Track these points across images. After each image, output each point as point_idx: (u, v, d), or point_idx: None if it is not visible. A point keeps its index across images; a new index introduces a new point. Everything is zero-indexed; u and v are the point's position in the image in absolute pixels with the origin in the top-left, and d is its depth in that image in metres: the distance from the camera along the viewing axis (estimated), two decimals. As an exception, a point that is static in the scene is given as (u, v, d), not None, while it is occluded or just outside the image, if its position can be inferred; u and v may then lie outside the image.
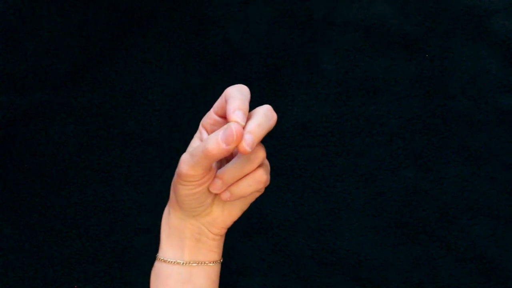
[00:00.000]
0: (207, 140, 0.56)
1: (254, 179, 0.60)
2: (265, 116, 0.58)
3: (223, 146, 0.55)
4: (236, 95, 0.58)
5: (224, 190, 0.61)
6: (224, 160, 0.64)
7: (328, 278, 1.10)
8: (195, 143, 0.62)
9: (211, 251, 0.65)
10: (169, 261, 0.65)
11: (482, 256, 1.09)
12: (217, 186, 0.60)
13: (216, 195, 0.63)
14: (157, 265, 0.66)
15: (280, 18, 1.14)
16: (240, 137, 0.55)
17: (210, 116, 0.62)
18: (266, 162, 0.62)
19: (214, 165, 0.60)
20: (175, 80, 1.13)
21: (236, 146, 0.55)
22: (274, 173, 1.12)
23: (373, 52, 1.13)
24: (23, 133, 1.11)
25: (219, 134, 0.55)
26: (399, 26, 1.13)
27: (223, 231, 0.65)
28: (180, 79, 1.13)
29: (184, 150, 0.60)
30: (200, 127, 0.63)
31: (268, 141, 1.12)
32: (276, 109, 1.13)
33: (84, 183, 1.11)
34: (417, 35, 1.13)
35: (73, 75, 1.12)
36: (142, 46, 1.13)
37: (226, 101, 0.58)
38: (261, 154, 0.59)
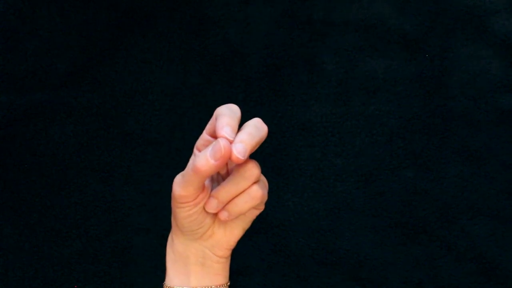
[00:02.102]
0: (196, 158, 0.56)
1: (250, 195, 0.60)
2: (255, 127, 0.58)
3: (212, 162, 0.55)
4: (225, 112, 0.58)
5: (222, 210, 0.60)
6: (221, 180, 0.64)
7: (328, 278, 1.10)
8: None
9: (217, 275, 0.65)
10: None
11: (482, 256, 1.09)
12: (212, 205, 0.60)
13: (215, 216, 0.63)
14: None
15: (280, 18, 1.13)
16: (229, 152, 0.55)
17: (203, 137, 0.62)
18: (263, 179, 0.62)
19: (207, 184, 0.60)
20: (175, 80, 1.13)
21: (226, 161, 0.55)
22: (274, 173, 1.12)
23: (373, 52, 1.13)
24: (23, 133, 1.11)
25: (207, 151, 0.56)
26: (399, 26, 1.13)
27: (228, 252, 0.65)
28: (180, 79, 1.13)
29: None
30: (195, 149, 0.63)
31: (268, 141, 1.12)
32: (276, 109, 1.14)
33: (84, 183, 1.11)
34: (417, 35, 1.13)
35: (73, 75, 1.12)
36: (142, 46, 1.13)
37: (216, 120, 0.58)
38: (256, 171, 0.59)
